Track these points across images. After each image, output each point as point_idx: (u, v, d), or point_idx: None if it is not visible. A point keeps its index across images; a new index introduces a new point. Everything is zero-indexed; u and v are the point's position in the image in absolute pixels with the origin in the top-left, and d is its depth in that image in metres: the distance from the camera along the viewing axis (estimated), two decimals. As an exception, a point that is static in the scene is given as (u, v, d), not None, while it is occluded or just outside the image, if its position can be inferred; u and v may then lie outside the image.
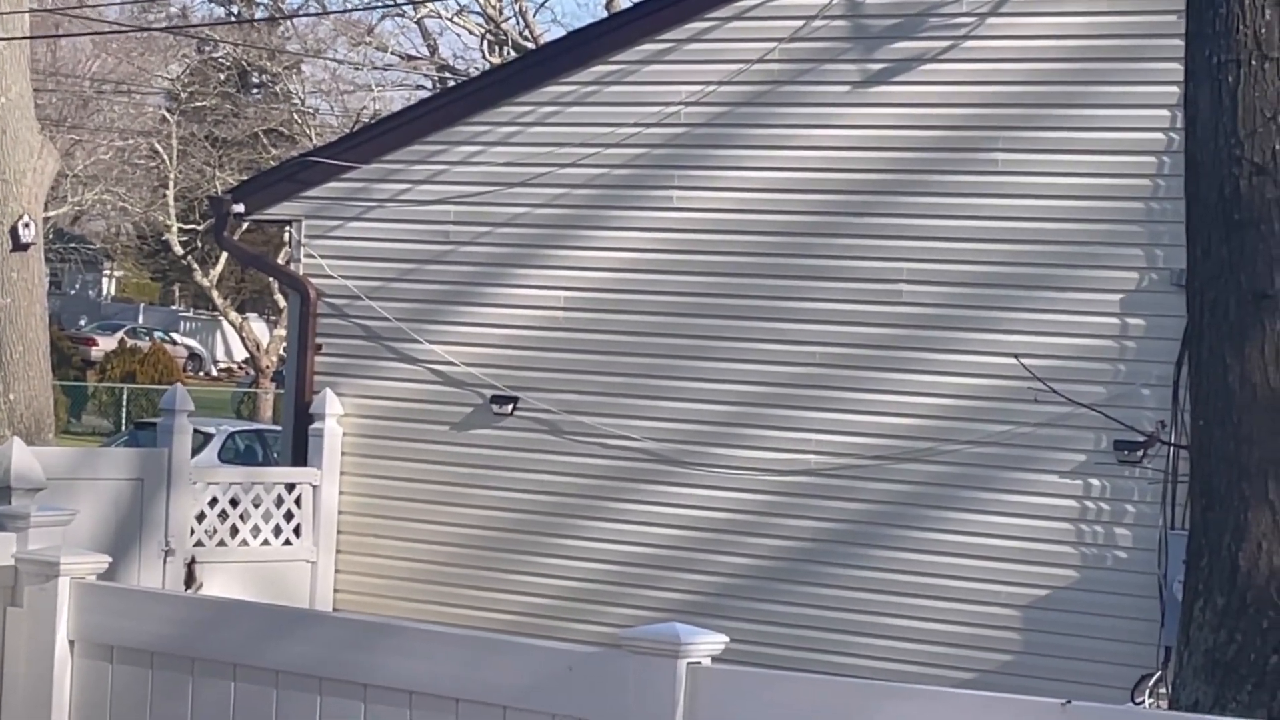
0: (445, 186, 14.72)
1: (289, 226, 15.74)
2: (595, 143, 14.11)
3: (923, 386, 12.91)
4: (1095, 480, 12.37)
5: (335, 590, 14.88)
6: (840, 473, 13.13)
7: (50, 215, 38.12)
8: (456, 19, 39.02)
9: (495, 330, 14.47)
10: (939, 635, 12.72)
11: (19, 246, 16.56)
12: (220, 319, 53.35)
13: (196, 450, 17.79)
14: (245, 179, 28.21)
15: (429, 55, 42.04)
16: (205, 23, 45.97)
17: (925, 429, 12.88)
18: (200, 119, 45.17)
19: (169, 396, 14.27)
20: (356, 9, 38.29)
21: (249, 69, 47.25)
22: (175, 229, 45.25)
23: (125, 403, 43.54)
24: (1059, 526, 12.43)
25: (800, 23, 13.43)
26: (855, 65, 13.31)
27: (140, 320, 63.39)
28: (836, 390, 13.19)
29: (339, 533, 14.91)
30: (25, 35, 17.36)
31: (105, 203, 47.63)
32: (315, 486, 14.86)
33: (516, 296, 14.42)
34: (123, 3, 44.52)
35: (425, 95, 37.51)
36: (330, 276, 15.11)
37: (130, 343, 52.79)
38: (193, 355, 60.85)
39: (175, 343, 58.69)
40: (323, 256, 15.16)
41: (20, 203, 16.68)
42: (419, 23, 40.77)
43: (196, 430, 16.47)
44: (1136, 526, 12.22)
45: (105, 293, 69.88)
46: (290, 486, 14.84)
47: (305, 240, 15.25)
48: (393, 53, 42.40)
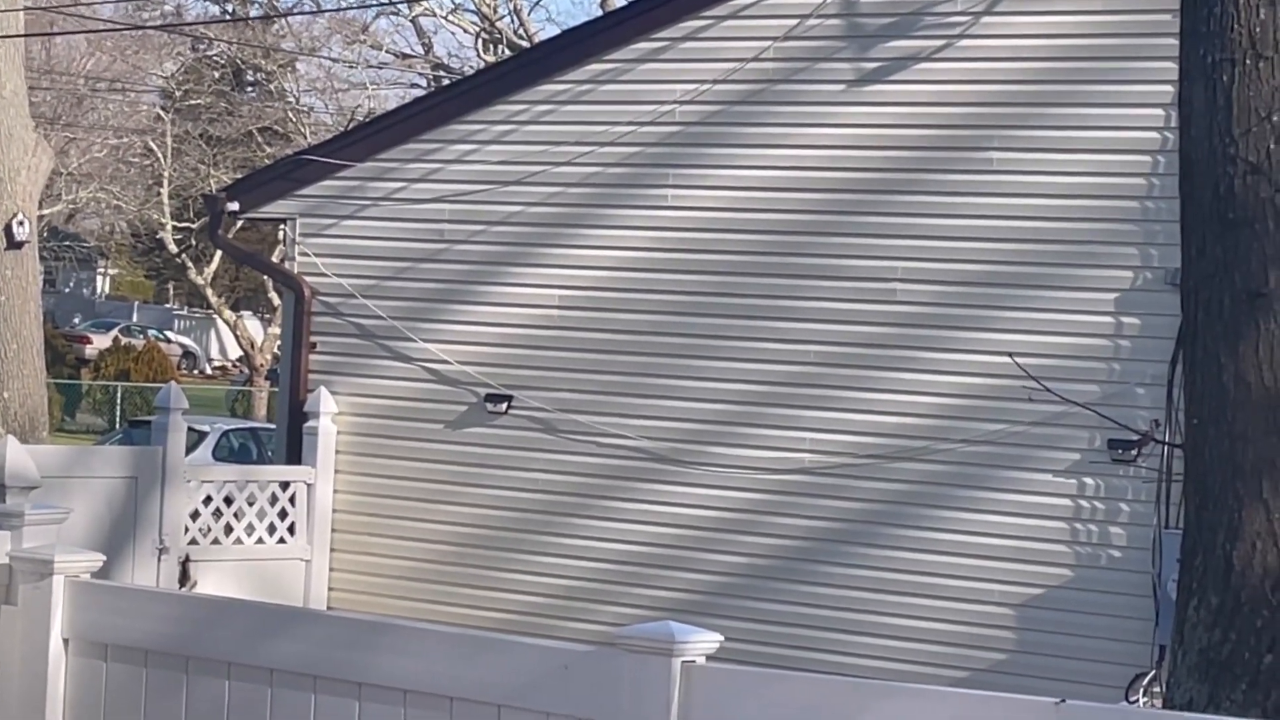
0: (440, 185, 14.72)
1: (284, 225, 15.71)
2: (590, 141, 14.10)
3: (917, 385, 12.90)
4: (1090, 479, 12.37)
5: (329, 589, 14.88)
6: (835, 471, 13.13)
7: (45, 213, 38.09)
8: (451, 17, 38.99)
9: (490, 329, 14.46)
10: (933, 634, 12.72)
11: (13, 244, 16.57)
12: (215, 317, 53.34)
13: (191, 448, 17.81)
14: (240, 177, 28.16)
15: (424, 54, 42.02)
16: (200, 21, 45.95)
17: (920, 428, 12.88)
18: (195, 117, 45.19)
19: (163, 395, 14.25)
20: (351, 7, 38.28)
21: (244, 67, 47.25)
22: (170, 227, 45.26)
23: (119, 401, 43.51)
24: (1054, 525, 12.43)
25: (795, 21, 13.43)
26: (850, 64, 13.31)
27: (134, 318, 63.36)
28: (831, 389, 13.19)
29: (333, 531, 14.91)
30: (20, 33, 17.36)
31: (100, 201, 47.64)
32: (309, 485, 14.85)
33: (511, 295, 14.41)
34: (117, 0, 44.52)
35: (420, 94, 37.53)
36: (325, 275, 15.11)
37: (124, 341, 52.76)
38: (187, 353, 60.82)
39: (170, 341, 58.65)
40: (317, 255, 15.15)
41: (15, 200, 16.69)
42: (414, 21, 40.76)
43: (191, 428, 16.47)
44: (1131, 525, 12.22)
45: (99, 291, 69.83)
46: (284, 485, 14.84)
47: (300, 238, 15.24)
48: (387, 51, 42.43)
